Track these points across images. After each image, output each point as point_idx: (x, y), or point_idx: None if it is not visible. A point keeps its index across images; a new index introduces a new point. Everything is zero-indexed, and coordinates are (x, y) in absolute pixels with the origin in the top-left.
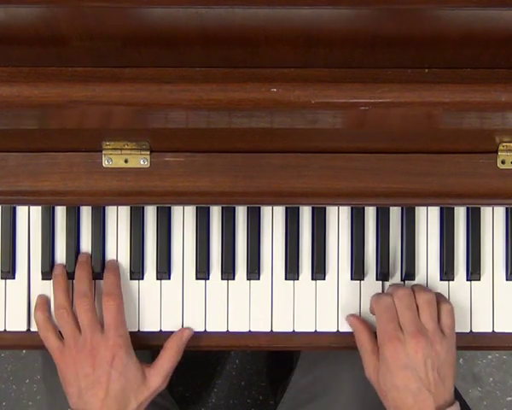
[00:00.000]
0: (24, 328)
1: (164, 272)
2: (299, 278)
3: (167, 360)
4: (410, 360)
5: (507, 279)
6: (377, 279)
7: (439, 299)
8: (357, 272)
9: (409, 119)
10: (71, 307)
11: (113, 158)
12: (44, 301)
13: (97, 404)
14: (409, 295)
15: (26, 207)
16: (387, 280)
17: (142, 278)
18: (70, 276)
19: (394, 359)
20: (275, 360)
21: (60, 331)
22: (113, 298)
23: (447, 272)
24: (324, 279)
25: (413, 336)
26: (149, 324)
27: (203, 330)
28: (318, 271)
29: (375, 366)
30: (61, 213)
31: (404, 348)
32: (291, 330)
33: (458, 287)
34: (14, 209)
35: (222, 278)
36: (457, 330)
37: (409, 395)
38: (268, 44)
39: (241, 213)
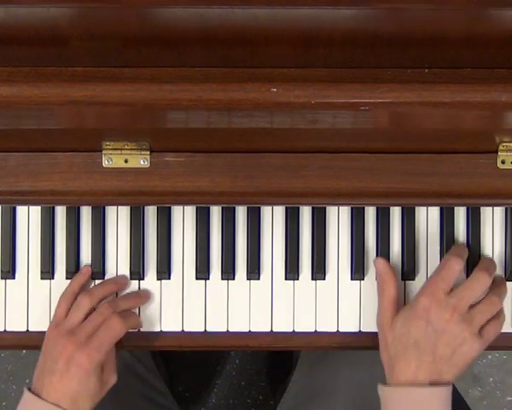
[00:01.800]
0: (24, 328)
1: (164, 272)
2: (299, 278)
3: (111, 357)
4: (436, 322)
5: (506, 280)
6: (377, 279)
7: (500, 313)
8: (357, 272)
9: (408, 118)
10: (95, 303)
11: (113, 158)
12: (88, 275)
13: (51, 393)
14: (484, 285)
15: (26, 207)
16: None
17: (143, 278)
18: (70, 275)
19: (425, 310)
20: (275, 360)
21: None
22: (122, 325)
23: None
24: (324, 279)
25: (454, 308)
26: (149, 324)
27: (203, 330)
28: (318, 271)
29: (392, 312)
30: (61, 213)
31: (439, 309)
32: (291, 330)
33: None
34: (14, 209)
35: (222, 278)
36: None
37: (414, 349)
38: (268, 44)
39: (241, 213)
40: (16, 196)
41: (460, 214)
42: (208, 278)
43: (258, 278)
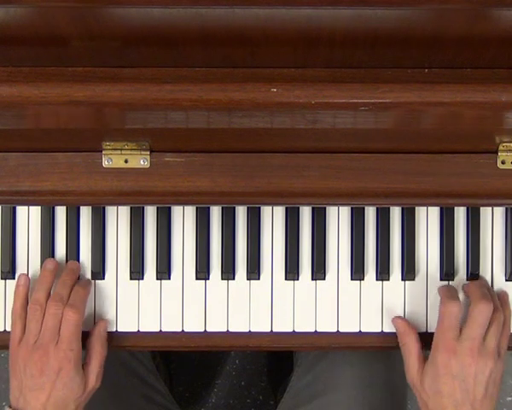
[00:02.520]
0: None
1: (164, 272)
2: (299, 278)
3: (96, 358)
4: (461, 371)
5: (506, 280)
6: (377, 279)
7: (506, 319)
8: (357, 272)
9: (409, 119)
10: (45, 304)
11: (113, 158)
12: (28, 284)
13: (37, 407)
14: (488, 314)
15: (26, 207)
16: (388, 280)
17: (142, 278)
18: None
19: (445, 366)
20: (275, 360)
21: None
22: (75, 311)
23: (447, 272)
24: (324, 279)
25: (471, 350)
26: (149, 324)
27: (203, 330)
28: (318, 271)
29: (418, 370)
30: (61, 213)
31: (458, 358)
32: (291, 330)
33: (458, 287)
34: (14, 209)
35: (222, 278)
36: None
37: (451, 405)
38: (268, 44)
39: (241, 213)
40: (16, 196)
41: (460, 214)
42: (208, 278)
43: (258, 278)
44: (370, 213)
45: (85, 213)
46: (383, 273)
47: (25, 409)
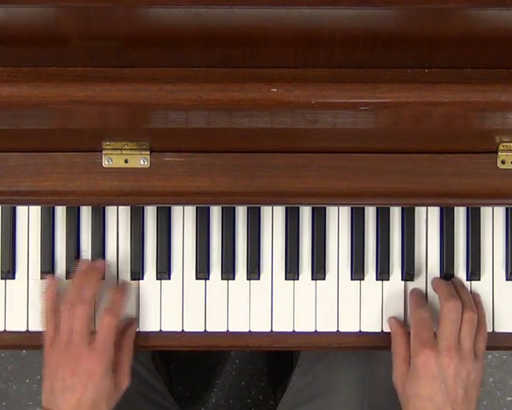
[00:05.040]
0: (24, 328)
1: (164, 272)
2: (299, 278)
3: (128, 358)
4: (440, 373)
5: (507, 279)
6: (377, 279)
7: (480, 320)
8: (358, 272)
9: (408, 119)
10: None
11: (113, 158)
12: (56, 284)
13: (68, 409)
14: (458, 311)
15: (26, 207)
16: (388, 280)
17: (142, 278)
18: (70, 276)
19: (425, 367)
20: (275, 360)
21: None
22: (113, 317)
23: (447, 272)
24: (324, 279)
25: (448, 349)
26: (149, 324)
27: (203, 330)
28: (318, 271)
29: (403, 372)
30: (61, 213)
31: (437, 358)
32: (291, 330)
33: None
34: (14, 209)
35: (222, 278)
36: None
37: (431, 407)
38: (268, 44)
39: (241, 213)
40: (16, 196)
41: (460, 214)
42: (208, 278)
43: (258, 278)
44: (370, 213)
45: (85, 213)
46: (383, 273)
47: None
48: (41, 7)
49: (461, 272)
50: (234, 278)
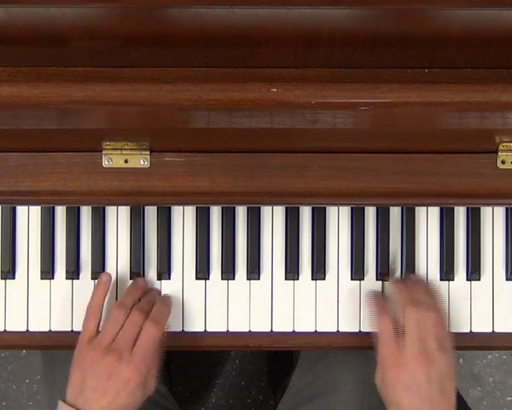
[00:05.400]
0: (24, 328)
1: (164, 272)
2: (299, 278)
3: (156, 363)
4: (412, 381)
5: (507, 279)
6: (377, 279)
7: (438, 310)
8: (358, 272)
9: (409, 118)
10: (129, 313)
11: (113, 158)
12: (109, 283)
13: (96, 409)
14: (418, 317)
15: (26, 207)
16: (388, 280)
17: None
18: (70, 275)
19: (397, 381)
20: (275, 360)
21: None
22: (157, 327)
23: (447, 272)
24: (324, 279)
25: (415, 357)
26: None
27: (203, 330)
28: (318, 271)
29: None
30: (61, 213)
31: (406, 369)
32: (291, 330)
33: (458, 287)
34: (14, 209)
35: (222, 278)
36: (457, 330)
37: None
38: (268, 44)
39: (241, 213)
40: (16, 196)
41: (460, 214)
42: (208, 278)
43: (258, 278)
44: (370, 213)
45: (85, 213)
46: (383, 273)
47: (83, 409)
48: (41, 7)
49: (461, 271)
50: (234, 278)
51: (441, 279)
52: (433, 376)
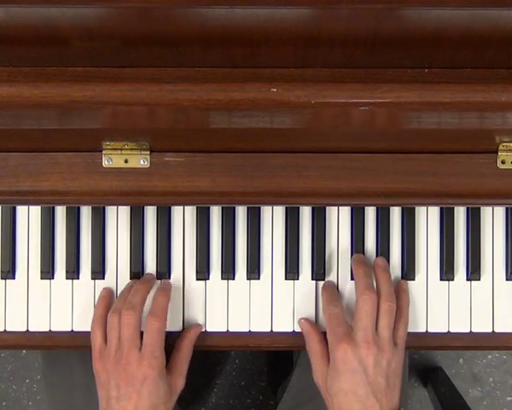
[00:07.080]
0: (24, 328)
1: (164, 272)
2: (299, 277)
3: (184, 360)
4: (359, 365)
5: (507, 279)
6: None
7: (401, 308)
8: None
9: (408, 118)
10: None
11: (113, 158)
12: (110, 295)
13: None
14: (373, 303)
15: (26, 207)
16: None
17: None
18: (70, 275)
19: (344, 361)
20: (275, 360)
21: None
22: (158, 320)
23: (447, 272)
24: (324, 279)
25: (365, 340)
26: None
27: (203, 330)
28: (318, 271)
29: (322, 371)
30: (61, 213)
31: (355, 351)
32: (291, 330)
33: (458, 287)
34: (14, 209)
35: (222, 278)
36: (457, 330)
37: (356, 400)
38: (268, 44)
39: (241, 213)
40: (16, 196)
41: (460, 214)
42: (208, 278)
43: (258, 278)
44: (370, 213)
45: (85, 213)
46: None
47: None
48: (41, 7)
49: (461, 271)
50: (234, 278)
51: (441, 279)
52: (382, 365)
